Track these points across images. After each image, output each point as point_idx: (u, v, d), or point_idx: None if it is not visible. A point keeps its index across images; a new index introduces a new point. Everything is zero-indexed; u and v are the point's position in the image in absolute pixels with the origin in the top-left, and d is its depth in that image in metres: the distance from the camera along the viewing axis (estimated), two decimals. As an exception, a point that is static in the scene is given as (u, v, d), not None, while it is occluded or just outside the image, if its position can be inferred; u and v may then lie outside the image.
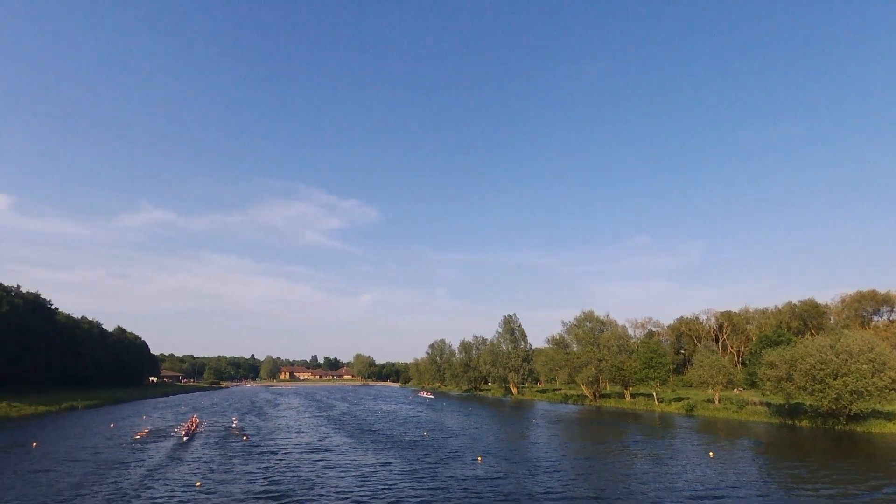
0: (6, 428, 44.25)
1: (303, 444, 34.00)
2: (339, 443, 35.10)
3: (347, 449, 32.13)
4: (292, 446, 33.12)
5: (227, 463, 26.77)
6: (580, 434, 42.65)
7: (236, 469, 25.04)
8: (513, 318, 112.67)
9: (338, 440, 36.57)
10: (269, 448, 32.22)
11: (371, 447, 32.91)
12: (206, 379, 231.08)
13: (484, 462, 27.54)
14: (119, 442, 35.09)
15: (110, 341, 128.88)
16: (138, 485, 21.41)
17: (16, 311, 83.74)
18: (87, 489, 20.58)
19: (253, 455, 29.39)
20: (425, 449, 32.29)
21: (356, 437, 38.12)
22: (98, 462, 26.97)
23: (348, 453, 30.26)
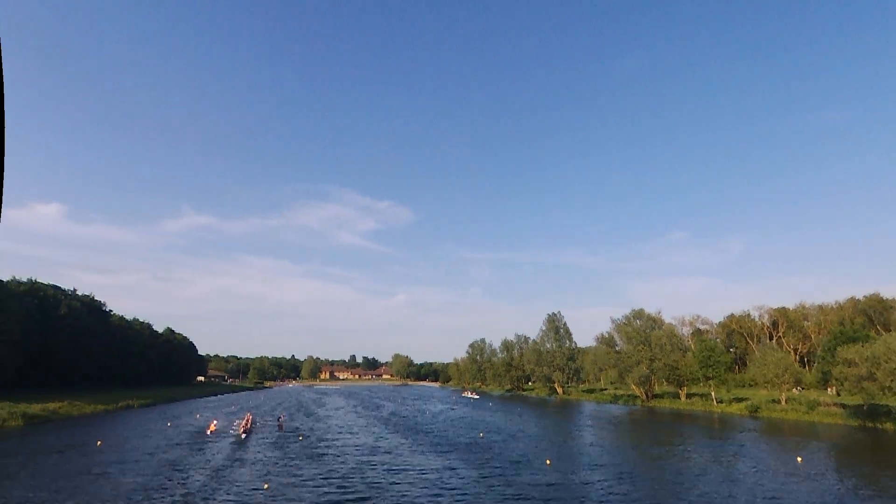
0: (69, 427, 45.31)
1: (361, 446, 33.26)
2: (396, 444, 34.23)
3: (407, 451, 31.19)
4: (351, 448, 32.41)
5: (289, 465, 26.19)
6: (644, 437, 40.61)
7: (301, 472, 24.39)
8: (557, 316, 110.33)
9: (395, 442, 35.72)
10: (327, 450, 31.59)
11: (430, 449, 31.90)
12: (251, 379, 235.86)
13: (554, 466, 26.12)
14: (179, 440, 35.21)
15: (160, 342, 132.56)
16: (207, 486, 20.95)
17: (73, 313, 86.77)
18: (157, 490, 20.23)
19: (314, 457, 28.77)
20: (487, 452, 31.07)
21: (412, 439, 37.21)
22: (162, 462, 26.84)
23: (409, 456, 29.31)
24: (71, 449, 31.39)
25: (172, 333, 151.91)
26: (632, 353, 74.21)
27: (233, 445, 33.15)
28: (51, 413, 52.34)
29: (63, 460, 27.37)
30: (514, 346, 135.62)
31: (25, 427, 44.67)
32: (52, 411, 53.26)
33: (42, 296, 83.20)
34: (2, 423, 44.07)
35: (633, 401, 79.08)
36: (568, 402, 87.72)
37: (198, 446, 32.61)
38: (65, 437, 37.48)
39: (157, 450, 31.09)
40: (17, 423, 45.15)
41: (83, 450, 31.02)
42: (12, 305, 69.85)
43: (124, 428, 44.12)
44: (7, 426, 44.07)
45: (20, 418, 46.11)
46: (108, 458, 28.17)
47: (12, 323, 67.72)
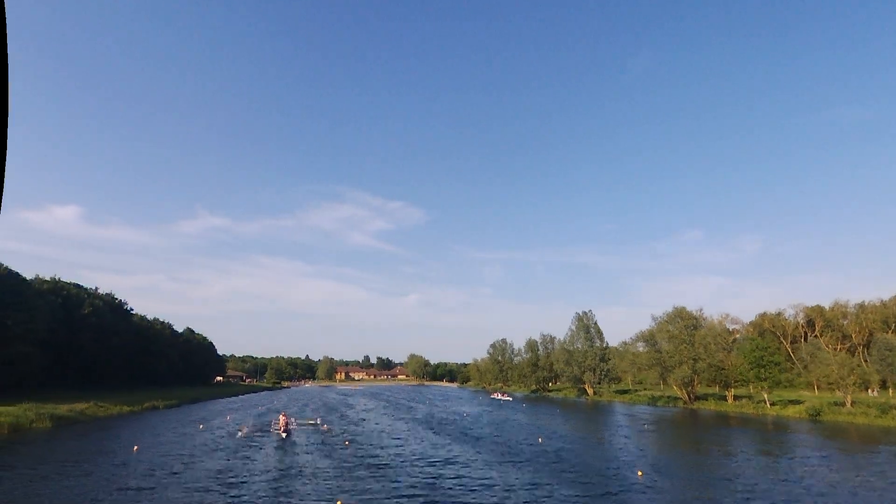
0: (98, 429, 43.26)
1: (418, 455, 30.50)
2: (456, 452, 31.42)
3: (472, 461, 28.33)
4: (408, 457, 29.65)
5: (350, 477, 23.54)
6: (717, 443, 37.40)
7: (369, 486, 21.69)
8: (587, 314, 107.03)
9: (453, 449, 32.90)
10: (382, 458, 28.85)
11: (498, 459, 29.03)
12: (268, 379, 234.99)
13: (647, 477, 23.23)
14: (218, 445, 32.80)
15: (180, 342, 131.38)
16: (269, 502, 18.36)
17: (97, 312, 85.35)
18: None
19: (372, 467, 26.07)
20: (560, 461, 28.18)
21: (469, 445, 34.41)
22: (209, 472, 24.35)
23: (479, 467, 26.42)
24: (106, 455, 29.08)
25: (192, 333, 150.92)
26: (674, 352, 70.84)
27: (278, 452, 30.61)
28: (78, 414, 50.42)
29: (99, 469, 25.02)
30: (539, 346, 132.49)
31: (53, 429, 42.70)
32: (79, 412, 51.35)
33: (66, 294, 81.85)
34: (29, 425, 42.11)
35: (674, 402, 75.70)
36: (601, 404, 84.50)
37: (242, 452, 30.12)
38: (96, 441, 35.31)
39: (198, 456, 28.66)
40: (45, 425, 43.19)
41: (119, 456, 28.68)
42: (37, 304, 68.33)
43: (155, 431, 41.92)
44: (35, 428, 42.10)
45: (48, 420, 44.15)
46: (148, 466, 25.77)
47: (38, 321, 66.18)
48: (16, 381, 66.56)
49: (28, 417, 42.91)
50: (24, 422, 41.91)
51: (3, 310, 62.10)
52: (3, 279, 64.28)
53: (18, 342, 62.87)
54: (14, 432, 39.47)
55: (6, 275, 65.87)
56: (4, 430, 39.27)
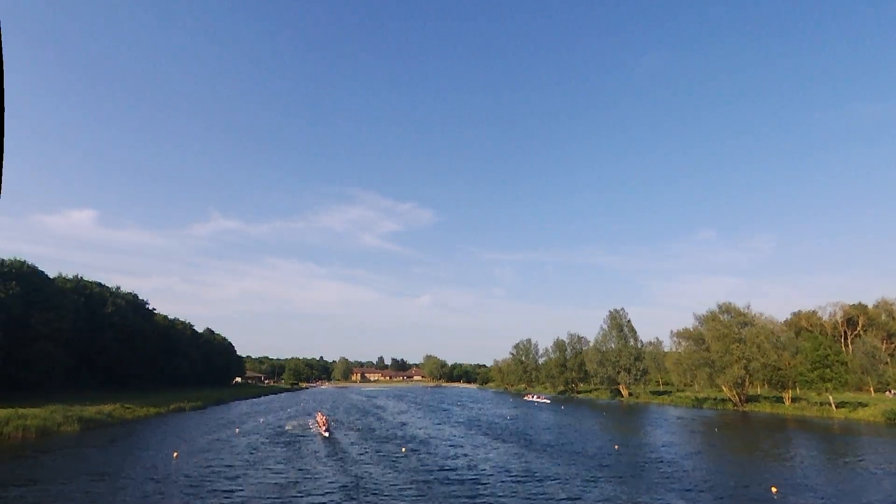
0: (127, 432, 40.63)
1: (490, 465, 27.22)
2: (534, 463, 28.09)
3: (559, 474, 24.94)
4: (483, 467, 26.38)
5: (436, 496, 20.37)
6: (823, 451, 33.72)
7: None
8: (621, 312, 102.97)
9: (529, 459, 29.51)
10: (455, 469, 25.61)
11: (584, 471, 25.65)
12: (286, 380, 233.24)
13: (784, 493, 19.79)
14: (263, 452, 29.79)
15: (201, 342, 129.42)
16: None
17: (120, 311, 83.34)
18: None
19: (445, 483, 22.88)
20: (655, 472, 24.80)
21: (542, 454, 31.04)
22: (264, 483, 21.35)
23: (575, 483, 23.00)
24: (144, 463, 26.22)
25: (212, 334, 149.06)
26: (724, 351, 66.83)
27: (335, 461, 27.50)
28: (106, 417, 47.88)
29: (140, 479, 22.14)
30: (567, 346, 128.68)
31: (81, 432, 40.15)
32: (106, 415, 48.84)
33: (88, 294, 79.88)
34: (57, 428, 39.57)
35: (722, 405, 71.66)
36: (641, 406, 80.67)
37: (296, 463, 27.04)
38: (129, 447, 32.56)
39: (246, 466, 25.68)
40: (73, 429, 40.65)
41: (159, 465, 25.79)
42: (62, 302, 66.24)
43: (189, 435, 39.12)
44: (63, 431, 39.55)
45: (76, 423, 41.60)
46: (193, 476, 22.85)
47: (62, 320, 64.05)
48: (39, 381, 64.55)
49: (55, 420, 40.39)
50: (52, 425, 39.40)
51: (28, 308, 60.04)
52: (27, 276, 62.22)
53: (43, 341, 60.77)
54: (42, 436, 36.95)
55: (30, 272, 63.83)
56: (32, 433, 36.77)
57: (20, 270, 62.06)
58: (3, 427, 35.66)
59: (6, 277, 58.61)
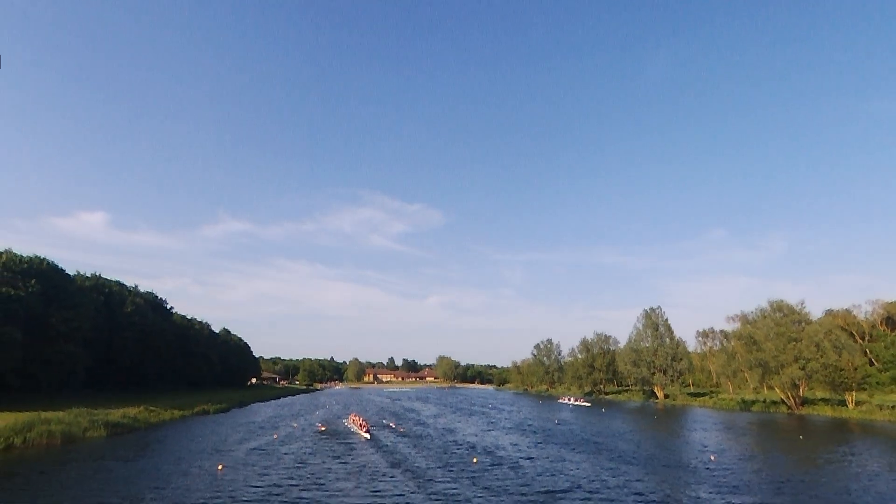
0: (158, 439, 37.53)
1: (584, 481, 23.74)
2: (634, 480, 24.58)
3: (671, 494, 21.51)
4: (577, 483, 22.96)
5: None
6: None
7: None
8: (656, 311, 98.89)
9: (622, 473, 25.96)
10: (547, 491, 22.18)
11: (696, 490, 22.14)
12: (301, 380, 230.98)
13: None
14: (315, 463, 26.47)
15: (218, 342, 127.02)
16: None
17: (139, 310, 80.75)
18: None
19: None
20: (794, 494, 21.20)
21: (630, 465, 27.47)
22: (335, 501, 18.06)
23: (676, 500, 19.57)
24: (190, 477, 22.99)
25: (228, 334, 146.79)
26: (779, 351, 62.79)
27: (406, 478, 24.09)
28: (132, 420, 44.93)
29: (191, 499, 18.91)
30: (594, 346, 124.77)
31: (108, 438, 37.17)
32: (132, 418, 45.90)
33: (108, 292, 77.25)
34: (83, 434, 36.58)
35: (774, 408, 67.58)
36: (680, 409, 76.69)
37: (357, 480, 23.68)
38: (164, 456, 29.37)
39: (304, 484, 22.36)
40: (100, 434, 37.65)
41: (206, 479, 22.55)
42: (81, 301, 63.55)
43: (225, 442, 35.93)
44: (89, 437, 36.55)
45: (102, 427, 38.62)
46: (250, 494, 19.59)
47: (82, 319, 61.33)
48: (60, 381, 61.91)
49: (81, 425, 37.42)
50: (78, 430, 36.42)
51: (47, 306, 57.36)
52: (46, 274, 59.54)
53: (63, 341, 58.10)
54: (68, 443, 33.96)
55: (50, 270, 61.16)
56: (57, 440, 33.75)
57: (39, 268, 59.40)
58: (27, 433, 32.66)
59: (25, 274, 55.91)
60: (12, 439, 31.49)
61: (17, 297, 52.55)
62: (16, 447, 31.23)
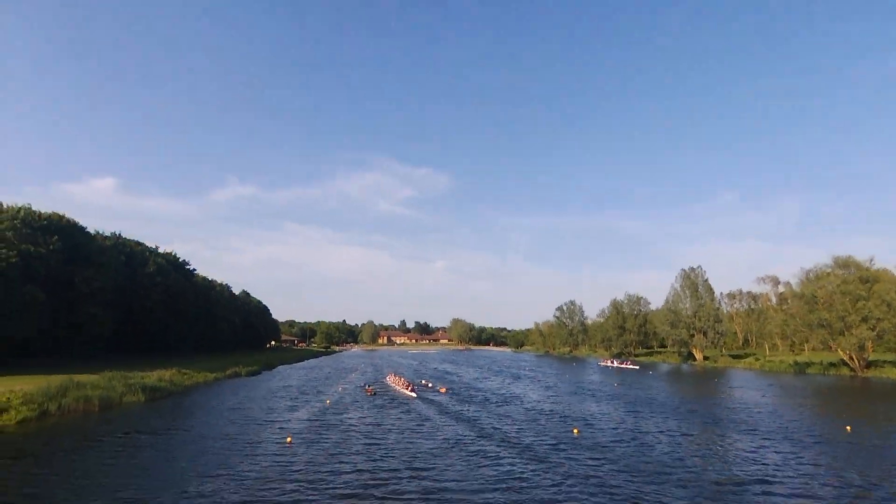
0: (200, 405, 34.52)
1: (717, 457, 20.22)
2: (771, 452, 21.06)
3: (846, 479, 17.81)
4: (711, 459, 19.41)
5: None
6: None
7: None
8: (696, 271, 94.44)
9: (763, 450, 22.51)
10: (688, 468, 18.61)
11: (839, 464, 18.52)
12: (318, 343, 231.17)
13: None
14: (388, 436, 23.05)
15: (238, 305, 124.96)
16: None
17: (162, 271, 77.72)
18: None
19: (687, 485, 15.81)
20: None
21: (764, 439, 24.01)
22: (443, 482, 14.48)
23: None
24: (256, 452, 19.63)
25: (248, 296, 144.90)
26: (846, 311, 58.66)
27: (505, 448, 20.60)
28: (167, 384, 42.05)
29: (273, 481, 15.45)
30: (624, 306, 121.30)
31: (147, 403, 34.21)
32: (168, 381, 43.06)
33: (129, 252, 74.08)
34: (120, 399, 33.57)
35: (834, 370, 63.91)
36: (730, 371, 73.34)
37: (450, 458, 20.19)
38: (215, 423, 26.07)
39: (395, 457, 18.91)
40: (138, 398, 34.64)
41: (281, 455, 19.15)
42: (103, 260, 60.32)
43: (273, 408, 32.81)
44: (127, 402, 33.57)
45: (139, 392, 35.62)
46: (338, 470, 16.13)
47: (105, 279, 58.21)
48: (86, 345, 59.46)
49: (117, 390, 34.38)
50: (115, 395, 33.39)
51: (69, 265, 54.16)
52: (66, 231, 56.09)
53: (87, 302, 55.09)
54: (106, 409, 30.96)
55: (70, 227, 57.70)
56: (94, 406, 30.73)
57: (59, 224, 55.90)
58: (62, 399, 29.58)
59: (45, 231, 52.46)
60: (46, 405, 28.41)
61: (38, 255, 49.28)
62: (51, 414, 28.19)
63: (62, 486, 15.09)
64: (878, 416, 30.68)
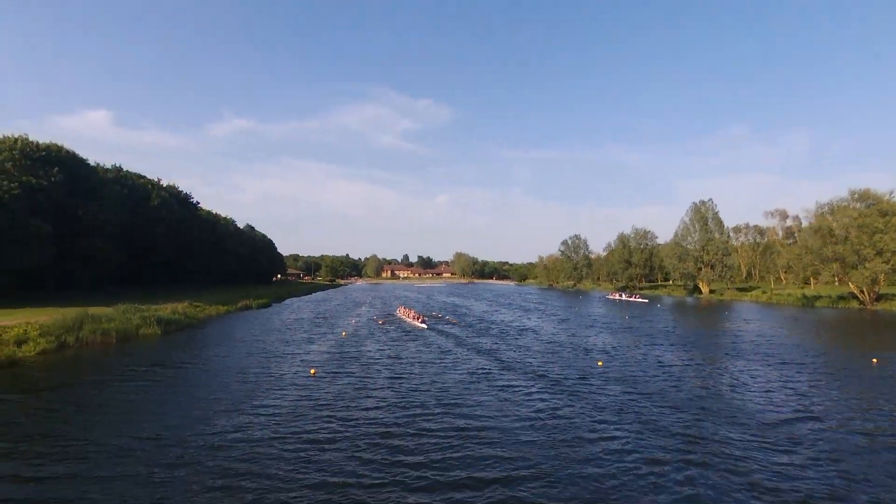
0: (215, 337, 34.52)
1: (766, 392, 19.95)
2: (802, 382, 20.82)
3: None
4: (752, 393, 19.13)
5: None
6: None
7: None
8: (707, 204, 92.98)
9: (788, 378, 22.30)
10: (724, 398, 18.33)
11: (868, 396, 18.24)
12: (323, 277, 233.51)
13: None
14: (410, 366, 22.89)
15: (244, 239, 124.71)
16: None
17: (166, 204, 76.68)
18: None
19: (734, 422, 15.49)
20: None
21: (775, 367, 23.87)
22: (472, 414, 14.17)
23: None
24: (281, 383, 19.42)
25: (253, 230, 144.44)
26: (862, 244, 57.86)
27: (531, 379, 20.41)
28: (182, 316, 42.03)
29: (307, 410, 15.17)
30: (631, 240, 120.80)
31: (163, 336, 34.20)
32: (182, 314, 43.06)
33: (131, 185, 72.54)
34: (136, 332, 33.52)
35: (843, 303, 64.07)
36: (738, 304, 73.76)
37: (481, 396, 19.98)
38: (233, 355, 25.95)
39: (420, 388, 18.69)
40: (154, 331, 34.58)
41: (307, 387, 18.94)
42: (105, 193, 59.13)
43: (289, 340, 32.78)
44: (143, 335, 33.55)
45: (155, 324, 35.53)
46: (366, 402, 15.88)
47: (109, 212, 57.30)
48: (94, 279, 59.42)
49: (133, 322, 34.25)
50: (131, 328, 33.29)
51: (71, 198, 53.04)
52: (66, 162, 54.49)
53: (93, 235, 54.47)
54: (123, 341, 30.90)
55: (70, 158, 56.02)
56: (112, 338, 30.64)
57: (58, 155, 54.23)
58: (78, 331, 29.42)
59: (45, 162, 50.93)
60: (64, 337, 28.28)
61: (41, 187, 48.09)
62: (69, 346, 28.13)
63: (84, 421, 14.81)
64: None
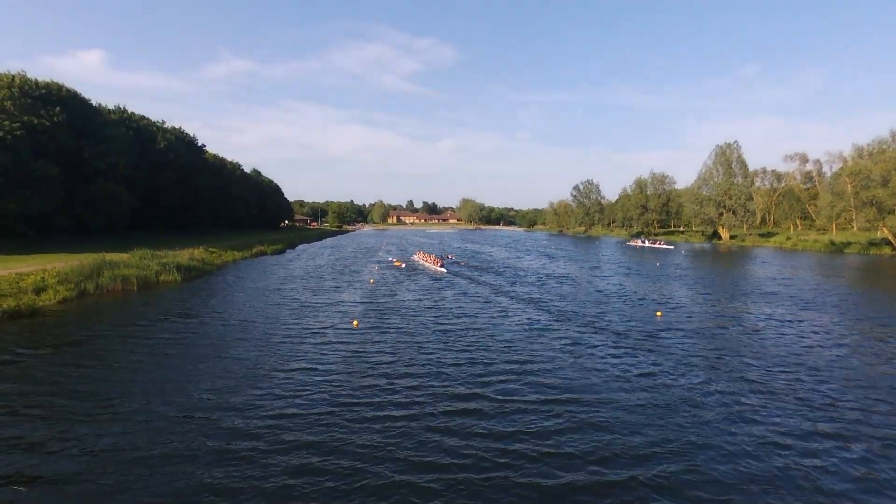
0: (236, 284, 33.22)
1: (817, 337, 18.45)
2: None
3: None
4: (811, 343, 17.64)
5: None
6: None
7: None
8: (732, 146, 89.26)
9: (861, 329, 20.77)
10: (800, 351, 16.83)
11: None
12: (330, 223, 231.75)
13: None
14: (454, 315, 21.52)
15: (251, 184, 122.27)
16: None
17: (172, 147, 73.98)
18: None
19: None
20: None
21: (843, 318, 22.39)
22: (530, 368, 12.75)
23: None
24: (327, 336, 18.03)
25: (259, 175, 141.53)
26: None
27: (587, 331, 18.97)
28: (199, 263, 40.66)
29: (367, 368, 13.79)
30: (648, 186, 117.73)
31: (184, 283, 32.92)
32: (199, 260, 41.75)
33: (136, 127, 69.64)
34: (156, 278, 32.19)
35: (875, 249, 62.12)
36: (751, 250, 71.94)
37: (536, 343, 18.53)
38: (260, 302, 24.61)
39: (491, 346, 17.28)
40: (174, 277, 33.23)
41: (353, 339, 17.55)
42: (111, 134, 56.55)
43: (317, 286, 31.43)
44: (164, 282, 32.25)
45: (174, 271, 34.14)
46: (415, 355, 14.49)
47: (117, 155, 54.98)
48: (106, 224, 57.75)
49: (152, 269, 32.84)
50: (151, 274, 31.93)
51: (77, 139, 50.62)
52: (68, 102, 51.63)
53: (102, 179, 52.42)
54: (144, 288, 29.64)
55: (71, 98, 53.07)
56: (132, 285, 29.39)
57: (59, 94, 51.32)
58: (97, 278, 28.05)
59: (47, 101, 48.18)
60: (83, 284, 26.98)
61: (44, 128, 45.64)
62: (89, 293, 26.87)
63: (108, 376, 13.46)
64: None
